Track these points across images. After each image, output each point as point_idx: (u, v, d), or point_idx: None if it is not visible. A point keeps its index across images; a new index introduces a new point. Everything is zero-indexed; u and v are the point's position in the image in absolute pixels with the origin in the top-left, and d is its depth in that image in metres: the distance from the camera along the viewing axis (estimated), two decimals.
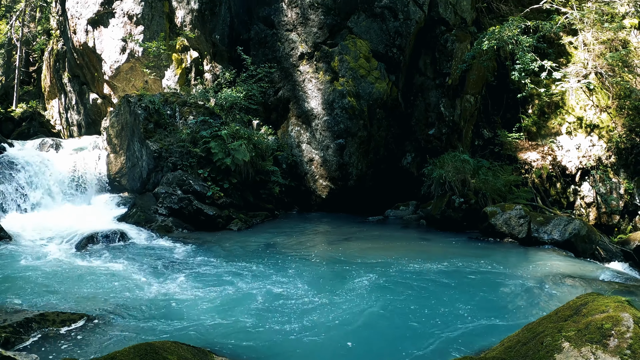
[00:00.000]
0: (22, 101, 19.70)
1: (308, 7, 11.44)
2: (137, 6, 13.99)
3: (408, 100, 11.79)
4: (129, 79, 14.52)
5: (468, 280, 6.48)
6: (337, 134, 11.06)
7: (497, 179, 10.79)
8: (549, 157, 11.79)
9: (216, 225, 9.64)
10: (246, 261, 7.25)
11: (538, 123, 12.17)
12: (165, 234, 8.99)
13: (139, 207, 10.02)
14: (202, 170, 10.41)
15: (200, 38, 12.94)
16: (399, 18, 11.16)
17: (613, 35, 11.96)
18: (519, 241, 9.02)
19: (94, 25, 15.33)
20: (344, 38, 11.25)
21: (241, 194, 10.59)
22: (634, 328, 3.05)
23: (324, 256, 7.75)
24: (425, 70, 11.77)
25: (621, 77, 11.37)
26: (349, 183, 11.21)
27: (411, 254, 7.86)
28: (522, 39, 11.00)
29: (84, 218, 9.81)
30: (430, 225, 10.31)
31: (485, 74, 12.20)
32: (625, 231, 10.90)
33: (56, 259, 7.24)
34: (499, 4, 13.01)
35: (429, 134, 11.57)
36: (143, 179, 11.11)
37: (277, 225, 10.16)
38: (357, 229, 9.96)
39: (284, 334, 4.65)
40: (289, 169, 11.47)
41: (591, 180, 11.38)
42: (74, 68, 17.00)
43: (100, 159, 12.31)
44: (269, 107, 12.04)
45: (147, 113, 11.30)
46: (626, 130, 11.26)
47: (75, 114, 17.26)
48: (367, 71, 11.10)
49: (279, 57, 11.79)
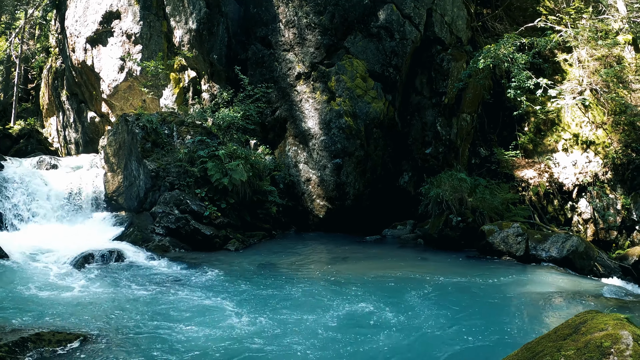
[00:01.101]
0: (20, 118, 19.72)
1: (305, 27, 11.55)
2: (135, 25, 14.10)
3: (405, 119, 11.85)
4: (127, 98, 14.58)
5: (466, 300, 6.48)
6: (334, 154, 11.09)
7: (495, 197, 10.81)
8: (546, 174, 11.82)
9: (213, 245, 9.62)
10: (243, 282, 7.22)
11: (534, 140, 12.23)
12: (162, 254, 8.96)
13: (136, 226, 10.01)
14: (200, 190, 10.41)
15: (198, 58, 13.02)
16: (395, 38, 11.27)
17: (607, 52, 12.08)
18: (517, 259, 9.03)
19: (92, 44, 15.43)
20: (341, 58, 11.35)
21: (238, 214, 10.58)
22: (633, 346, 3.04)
23: (321, 277, 7.73)
24: (422, 90, 11.85)
25: (616, 93, 11.45)
26: (346, 203, 11.21)
27: (409, 274, 7.86)
28: (518, 56, 11.11)
29: (81, 237, 9.80)
30: (428, 245, 10.30)
31: (481, 92, 12.29)
32: (623, 246, 10.89)
33: (53, 278, 7.22)
34: (494, 23, 13.16)
35: (425, 153, 11.61)
36: (140, 198, 11.09)
37: (274, 245, 10.14)
38: (355, 249, 9.95)
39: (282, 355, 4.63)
40: (286, 188, 11.48)
41: (588, 197, 11.40)
42: (72, 86, 17.07)
43: (98, 177, 12.29)
44: (266, 127, 12.09)
45: (144, 132, 11.33)
46: (622, 145, 11.31)
47: (73, 132, 17.29)
48: (364, 91, 11.17)
49: (276, 77, 11.87)
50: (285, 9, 11.76)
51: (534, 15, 13.40)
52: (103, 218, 11.32)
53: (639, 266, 9.57)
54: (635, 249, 10.16)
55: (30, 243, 9.18)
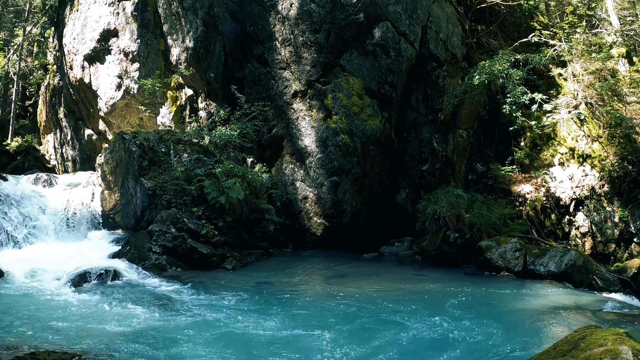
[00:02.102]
0: (17, 135, 19.73)
1: (301, 45, 11.63)
2: (133, 43, 14.18)
3: (401, 136, 11.89)
4: (124, 116, 14.61)
5: (464, 317, 6.49)
6: (331, 172, 11.10)
7: (492, 212, 10.82)
8: (543, 189, 11.85)
9: (210, 263, 9.60)
10: (241, 301, 7.20)
11: (530, 155, 12.28)
12: (159, 273, 8.95)
13: (133, 244, 9.99)
14: (197, 208, 10.41)
15: (195, 76, 13.09)
16: (390, 55, 11.36)
17: (601, 65, 12.18)
18: (516, 274, 9.04)
19: (90, 62, 15.49)
20: (337, 76, 11.41)
21: (235, 232, 10.58)
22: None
23: (319, 296, 7.73)
24: (418, 106, 11.91)
25: (611, 106, 11.53)
26: (343, 220, 11.20)
27: (406, 291, 7.88)
28: (512, 72, 11.20)
29: (78, 254, 9.78)
30: (426, 261, 10.29)
31: (477, 108, 12.36)
32: (621, 259, 10.89)
33: (49, 296, 7.23)
34: (489, 39, 13.29)
35: (422, 170, 11.64)
36: (137, 216, 11.08)
37: (271, 264, 10.13)
38: (352, 267, 9.95)
39: None
40: (284, 206, 11.48)
41: (585, 210, 11.42)
42: (69, 103, 17.11)
43: (95, 195, 12.30)
44: (263, 145, 12.12)
45: (141, 150, 11.36)
46: (618, 158, 11.35)
47: (70, 150, 17.30)
48: (360, 108, 11.23)
49: (273, 95, 11.93)
50: (282, 27, 11.85)
51: (528, 30, 13.55)
52: (100, 236, 11.34)
53: (637, 278, 9.58)
54: (634, 261, 10.16)
55: (26, 260, 9.21)
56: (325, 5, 11.50)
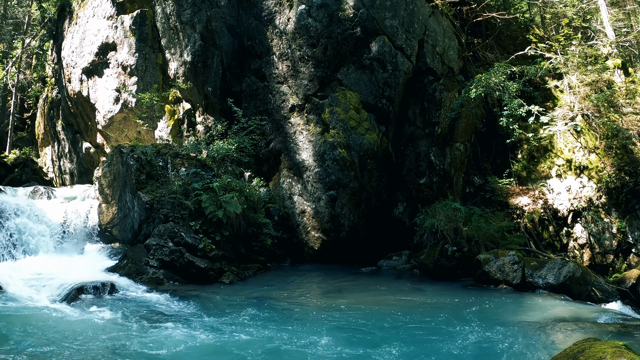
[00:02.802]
0: (15, 147, 19.75)
1: (298, 59, 11.68)
2: (131, 57, 14.23)
3: (398, 150, 11.91)
4: (122, 129, 14.62)
5: (463, 330, 6.47)
6: (329, 186, 11.11)
7: (490, 225, 10.81)
8: (540, 201, 11.83)
9: (208, 278, 9.57)
10: (238, 316, 7.18)
11: (528, 167, 12.28)
12: (156, 287, 8.92)
13: (130, 258, 9.96)
14: (194, 222, 10.40)
15: (192, 90, 13.12)
16: (387, 69, 11.40)
17: (597, 77, 12.18)
18: (514, 287, 9.01)
19: (88, 75, 15.54)
20: (334, 90, 11.45)
21: (233, 247, 10.55)
22: None
23: (318, 311, 7.68)
24: (415, 120, 11.94)
25: (607, 117, 11.50)
26: (341, 234, 11.19)
27: (405, 305, 7.84)
28: (509, 84, 11.24)
29: (75, 268, 9.73)
30: (424, 275, 10.26)
31: (474, 121, 12.39)
32: (620, 270, 10.85)
33: (45, 310, 7.18)
34: (485, 52, 13.35)
35: (420, 183, 11.65)
36: (134, 230, 11.06)
37: (269, 278, 10.10)
38: (351, 281, 9.92)
39: None
40: (281, 220, 11.47)
41: (583, 222, 11.39)
42: (67, 116, 17.13)
43: (92, 208, 12.26)
44: (260, 159, 12.13)
45: (139, 164, 11.35)
46: (615, 169, 11.32)
47: (68, 162, 17.30)
48: (358, 122, 11.25)
49: (270, 109, 11.96)
50: (279, 41, 11.91)
51: (524, 43, 13.59)
52: (97, 249, 11.29)
53: (636, 289, 9.56)
54: (632, 271, 10.14)
55: (23, 273, 9.16)
56: (322, 20, 11.56)
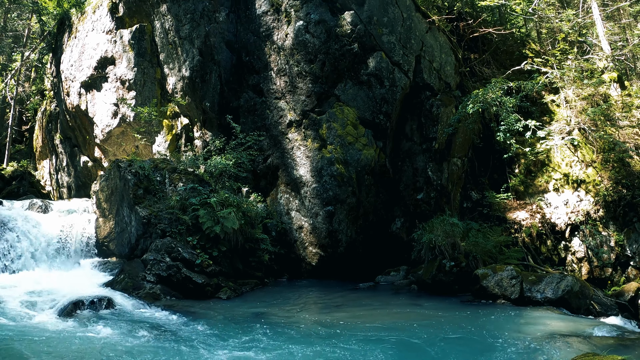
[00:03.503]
0: (13, 160, 19.74)
1: (296, 75, 11.74)
2: (129, 72, 14.28)
3: (396, 165, 11.93)
4: (120, 144, 14.64)
5: (461, 346, 6.46)
6: (326, 201, 11.11)
7: (487, 240, 10.81)
8: (538, 215, 11.84)
9: (205, 293, 9.53)
10: (235, 331, 7.14)
11: (525, 182, 12.30)
12: (153, 302, 8.87)
13: (127, 273, 9.92)
14: (191, 237, 10.37)
15: (190, 105, 13.16)
16: (384, 85, 11.46)
17: (593, 91, 12.24)
18: (512, 302, 8.98)
19: (87, 89, 15.58)
20: (332, 106, 11.49)
21: (230, 262, 10.52)
22: None
23: (316, 327, 7.64)
24: (412, 136, 11.98)
25: (604, 130, 11.53)
26: (338, 250, 11.18)
27: (403, 321, 7.78)
28: (506, 100, 11.28)
29: (71, 282, 9.68)
30: (422, 290, 10.22)
31: (471, 136, 12.43)
32: (618, 283, 10.82)
33: (41, 325, 7.14)
34: (482, 68, 13.44)
35: (417, 199, 11.66)
36: (132, 244, 11.03)
37: (266, 294, 10.06)
38: (348, 297, 9.88)
39: None
40: (279, 236, 11.46)
41: (581, 235, 11.38)
42: (66, 130, 17.15)
43: (89, 222, 12.22)
44: (258, 174, 12.14)
45: (137, 179, 11.35)
46: (612, 183, 11.34)
47: (66, 176, 17.28)
48: (355, 138, 11.29)
49: (268, 124, 12.00)
50: (277, 57, 11.98)
51: (521, 58, 13.70)
52: (93, 264, 11.22)
53: (635, 302, 9.52)
54: (631, 284, 10.11)
55: (19, 287, 9.09)
56: (320, 36, 11.64)
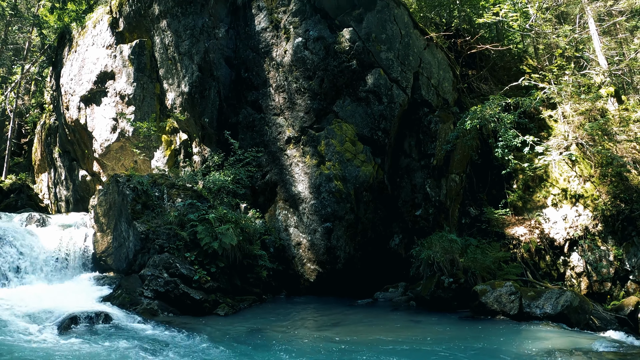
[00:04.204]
0: (11, 172, 19.75)
1: (295, 92, 11.79)
2: (129, 87, 14.33)
3: (394, 182, 11.94)
4: (118, 158, 14.65)
5: None
6: (325, 218, 11.10)
7: (486, 256, 10.80)
8: (537, 231, 11.83)
9: (203, 309, 9.50)
10: (233, 348, 7.10)
11: (523, 197, 12.31)
12: (150, 318, 8.83)
13: (125, 288, 9.90)
14: (189, 253, 10.36)
15: (189, 120, 13.20)
16: (383, 102, 11.51)
17: (591, 106, 12.29)
18: (512, 318, 8.96)
19: (86, 103, 15.63)
20: (330, 122, 11.53)
21: (228, 278, 10.49)
22: None
23: (314, 344, 7.61)
24: (410, 152, 12.01)
25: (602, 145, 11.55)
26: (337, 266, 11.15)
27: (402, 338, 7.75)
28: (504, 116, 11.33)
29: (68, 296, 9.66)
30: (421, 307, 10.20)
31: (469, 152, 12.46)
32: (618, 297, 10.79)
33: (38, 340, 7.10)
34: (479, 84, 13.51)
35: (415, 215, 11.66)
36: (129, 259, 11.00)
37: (264, 310, 10.02)
38: (347, 313, 9.84)
39: None
40: (277, 252, 11.44)
41: (580, 250, 11.37)
42: (64, 143, 17.17)
43: (87, 237, 12.22)
44: (256, 190, 12.14)
45: (135, 194, 11.36)
46: (610, 197, 11.34)
47: (64, 190, 17.27)
48: (353, 155, 11.31)
49: (267, 140, 12.03)
50: (276, 73, 12.04)
51: (518, 74, 13.77)
52: (91, 278, 11.20)
53: (635, 316, 9.47)
54: (631, 298, 10.08)
55: (15, 301, 9.06)
56: (318, 53, 11.71)
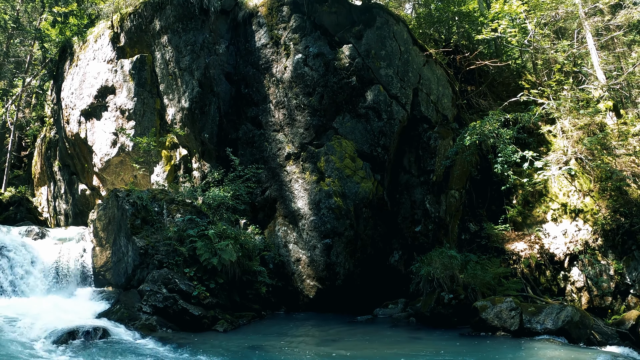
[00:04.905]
0: (11, 185, 19.71)
1: (294, 108, 11.84)
2: (129, 101, 14.36)
3: (394, 198, 11.95)
4: (118, 173, 14.65)
5: None
6: (324, 234, 11.09)
7: (486, 272, 10.77)
8: (537, 246, 11.82)
9: (201, 325, 9.45)
10: None
11: (523, 213, 12.30)
12: (148, 333, 8.78)
13: (123, 303, 9.85)
14: (188, 269, 10.33)
15: (189, 136, 13.23)
16: (382, 118, 11.55)
17: (590, 120, 12.32)
18: (512, 334, 8.91)
19: (87, 117, 15.65)
20: (330, 138, 11.56)
21: (227, 294, 10.45)
22: None
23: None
24: (410, 168, 12.03)
25: (601, 160, 11.57)
26: (336, 283, 11.11)
27: (402, 355, 7.70)
28: (503, 131, 11.35)
29: (66, 311, 9.59)
30: (421, 323, 10.15)
31: (469, 168, 12.48)
32: (619, 311, 10.74)
33: (35, 353, 7.06)
34: (479, 100, 13.56)
35: (415, 231, 11.65)
36: (128, 274, 10.97)
37: (263, 327, 9.97)
38: (346, 330, 9.79)
39: None
40: (276, 268, 11.41)
41: (580, 265, 11.35)
42: (64, 157, 17.17)
43: (86, 251, 12.18)
44: (256, 206, 12.14)
45: (134, 209, 11.35)
46: (610, 211, 11.35)
47: (64, 203, 17.24)
48: (353, 171, 11.33)
49: (266, 157, 12.04)
50: (276, 90, 12.09)
51: (517, 89, 13.83)
52: (89, 293, 11.13)
53: (636, 330, 9.44)
54: (631, 312, 10.04)
55: (13, 314, 9.01)
56: (318, 69, 11.78)
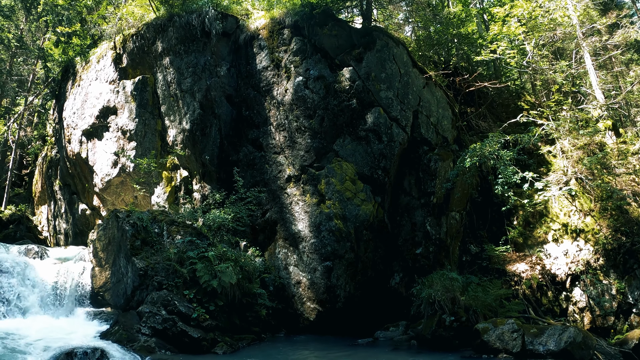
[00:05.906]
0: (11, 203, 19.72)
1: (295, 130, 11.90)
2: (131, 122, 14.44)
3: (394, 220, 11.95)
4: (118, 193, 14.66)
5: None
6: (325, 257, 11.07)
7: (487, 294, 10.72)
8: (538, 267, 11.78)
9: (201, 348, 9.40)
10: None
11: (524, 234, 12.29)
12: (147, 355, 8.75)
13: (122, 324, 9.81)
14: (188, 291, 10.29)
15: (190, 157, 13.27)
16: (383, 140, 11.60)
17: (589, 140, 12.38)
18: (514, 355, 8.87)
19: (88, 137, 15.72)
20: (330, 161, 11.60)
21: (227, 316, 10.40)
22: None
23: None
24: (410, 190, 12.04)
25: (601, 179, 11.59)
26: (337, 305, 11.05)
27: None
28: (503, 153, 11.41)
29: (64, 331, 9.59)
30: (422, 346, 10.08)
31: (469, 190, 12.50)
32: (621, 331, 10.67)
33: None
34: (478, 121, 13.65)
35: (416, 253, 11.63)
36: (127, 295, 10.92)
37: (263, 350, 9.90)
38: (347, 353, 9.72)
39: None
40: (276, 291, 11.36)
41: (582, 285, 11.31)
42: (65, 176, 17.20)
43: (85, 271, 12.15)
44: (256, 229, 12.13)
45: (134, 230, 11.35)
46: (611, 230, 11.33)
47: (64, 223, 17.23)
48: (353, 193, 11.34)
49: (267, 179, 12.07)
50: (276, 112, 12.17)
51: (516, 110, 13.93)
52: (88, 313, 11.08)
53: (639, 349, 9.37)
54: (634, 332, 9.97)
55: (10, 333, 8.98)
56: (319, 92, 11.87)
